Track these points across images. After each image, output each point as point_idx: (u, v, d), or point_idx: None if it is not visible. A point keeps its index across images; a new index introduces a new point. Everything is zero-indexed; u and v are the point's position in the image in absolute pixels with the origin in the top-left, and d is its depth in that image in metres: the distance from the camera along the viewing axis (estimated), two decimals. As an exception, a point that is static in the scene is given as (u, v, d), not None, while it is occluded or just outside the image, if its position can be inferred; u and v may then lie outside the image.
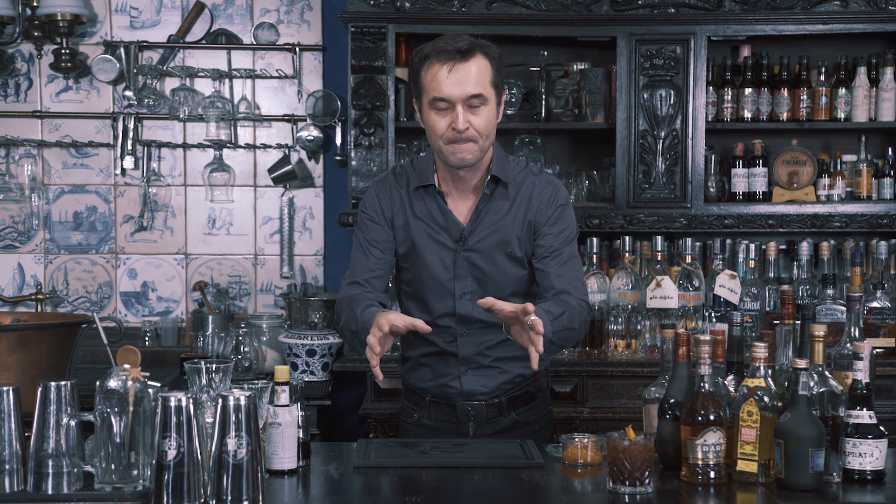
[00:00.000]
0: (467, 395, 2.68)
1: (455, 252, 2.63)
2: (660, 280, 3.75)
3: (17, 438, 2.11)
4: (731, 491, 2.20)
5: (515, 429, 2.71)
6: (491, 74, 2.51)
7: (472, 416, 2.69)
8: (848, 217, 4.06)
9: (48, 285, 4.46)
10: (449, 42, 2.50)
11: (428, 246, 2.64)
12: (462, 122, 2.48)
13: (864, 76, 4.12)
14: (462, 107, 2.48)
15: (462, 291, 2.64)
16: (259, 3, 4.44)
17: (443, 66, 2.48)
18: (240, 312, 4.43)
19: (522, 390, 2.72)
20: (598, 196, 4.21)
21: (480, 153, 2.55)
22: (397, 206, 2.67)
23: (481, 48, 2.51)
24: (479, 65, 2.49)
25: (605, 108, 4.13)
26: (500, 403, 2.70)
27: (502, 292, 2.62)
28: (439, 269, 2.64)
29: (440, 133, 2.51)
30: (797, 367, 2.19)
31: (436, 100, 2.50)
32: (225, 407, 2.01)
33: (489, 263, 2.63)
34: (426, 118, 2.54)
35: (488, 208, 2.63)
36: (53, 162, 4.44)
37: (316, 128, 4.40)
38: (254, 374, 3.94)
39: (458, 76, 2.47)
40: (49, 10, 4.20)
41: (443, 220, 2.64)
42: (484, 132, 2.52)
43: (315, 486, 2.26)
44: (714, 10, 3.99)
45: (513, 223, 2.63)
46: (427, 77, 2.50)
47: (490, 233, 2.63)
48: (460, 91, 2.47)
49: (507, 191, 2.63)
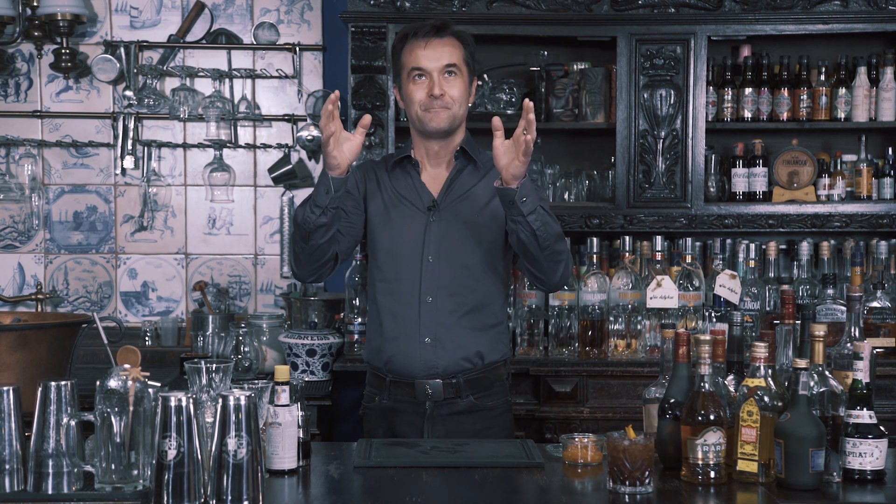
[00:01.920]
0: (425, 367, 2.76)
1: (426, 218, 2.79)
2: (660, 280, 3.75)
3: (17, 438, 2.11)
4: (731, 491, 2.20)
5: (473, 412, 2.80)
6: (463, 53, 2.77)
7: (429, 395, 2.77)
8: (848, 217, 4.07)
9: (48, 285, 4.46)
10: (426, 22, 2.78)
11: (400, 213, 2.81)
12: (438, 89, 2.72)
13: (864, 76, 4.12)
14: (438, 76, 2.73)
15: (429, 256, 2.78)
16: (259, 2, 4.44)
17: (420, 41, 2.74)
18: (240, 312, 4.43)
19: (480, 374, 2.80)
20: (598, 196, 4.21)
21: (453, 120, 2.76)
22: (373, 183, 2.87)
23: (454, 31, 2.78)
24: (452, 42, 2.76)
25: (605, 108, 4.13)
26: (457, 384, 2.77)
27: (471, 259, 2.78)
28: (409, 236, 2.79)
29: (418, 101, 2.75)
30: (797, 367, 2.19)
31: (414, 70, 2.74)
32: (225, 407, 2.01)
33: (458, 230, 2.78)
34: (405, 90, 2.78)
35: (459, 180, 2.82)
36: (53, 162, 4.44)
37: (316, 128, 4.39)
38: (254, 374, 3.94)
39: (434, 48, 2.74)
40: (49, 10, 4.20)
41: (416, 190, 2.83)
42: (458, 99, 2.75)
43: (315, 486, 2.26)
44: (714, 9, 3.99)
45: (483, 195, 2.79)
46: (406, 53, 2.76)
47: (459, 201, 2.80)
48: (436, 63, 2.73)
49: (476, 168, 2.83)
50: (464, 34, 2.81)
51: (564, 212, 4.04)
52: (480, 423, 2.79)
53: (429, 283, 2.76)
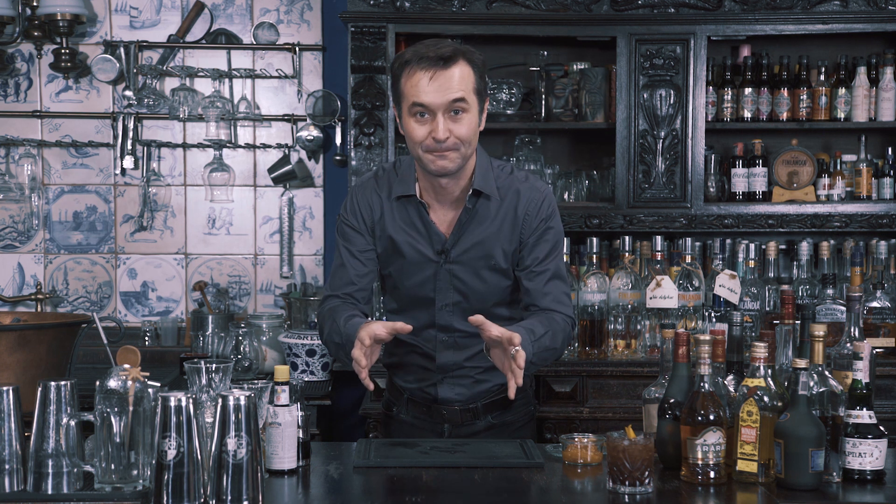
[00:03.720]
0: (443, 401, 2.67)
1: (437, 264, 2.57)
2: (660, 280, 3.75)
3: (17, 438, 2.11)
4: (731, 491, 2.20)
5: (492, 429, 2.69)
6: (474, 81, 2.43)
7: (446, 418, 2.68)
8: (848, 217, 4.07)
9: (48, 285, 4.46)
10: (431, 48, 2.41)
11: (409, 256, 2.58)
12: (442, 132, 2.39)
13: (864, 76, 4.12)
14: (443, 115, 2.40)
15: (443, 303, 2.59)
16: (259, 2, 4.44)
17: (424, 73, 2.39)
18: (240, 312, 4.44)
19: (500, 397, 2.68)
20: (598, 196, 4.21)
21: (462, 160, 2.46)
22: (377, 213, 2.60)
23: (464, 54, 2.43)
24: (461, 71, 2.41)
25: (604, 108, 4.13)
26: (475, 409, 2.68)
27: (485, 304, 2.58)
28: (420, 281, 2.59)
29: (419, 141, 2.43)
30: (797, 367, 2.19)
31: (415, 105, 2.41)
32: (225, 407, 2.01)
33: (472, 276, 2.58)
34: (405, 125, 2.45)
35: (471, 220, 2.55)
36: (53, 162, 4.44)
37: (316, 128, 4.40)
38: (254, 374, 3.94)
39: (439, 83, 2.38)
40: (49, 10, 4.20)
41: (424, 231, 2.57)
42: (466, 139, 2.43)
43: (315, 486, 2.26)
44: (714, 9, 3.99)
45: (497, 235, 2.56)
46: (407, 83, 2.41)
47: (473, 245, 2.56)
48: (441, 98, 2.39)
49: (489, 202, 2.55)
50: (473, 56, 2.44)
51: (564, 212, 4.03)
52: (500, 437, 2.67)
53: (444, 327, 2.61)
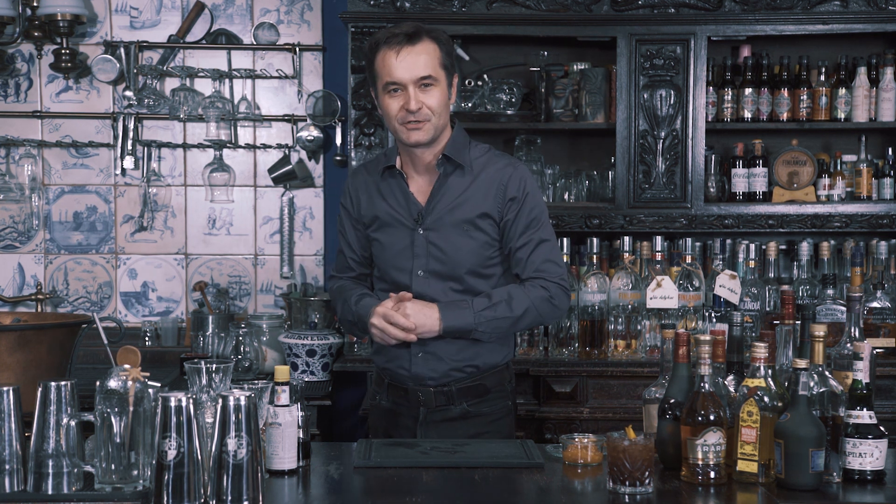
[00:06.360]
0: (417, 378, 2.74)
1: (413, 231, 2.73)
2: (660, 280, 3.75)
3: (17, 438, 2.11)
4: (731, 491, 2.20)
5: (467, 419, 2.76)
6: (440, 57, 2.66)
7: (422, 401, 2.75)
8: (848, 217, 4.07)
9: (48, 285, 4.45)
10: (396, 29, 2.67)
11: (390, 225, 2.76)
12: (414, 103, 2.62)
13: (864, 76, 4.12)
14: (413, 88, 2.62)
15: (419, 269, 2.73)
16: (259, 3, 4.44)
17: (392, 51, 2.63)
18: (240, 312, 4.43)
19: (475, 382, 2.76)
20: (598, 196, 4.21)
21: (434, 131, 2.67)
22: (363, 191, 2.82)
23: (428, 33, 2.67)
24: (426, 48, 2.64)
25: (605, 108, 4.13)
26: (449, 392, 2.75)
27: (458, 270, 2.72)
28: (400, 248, 2.75)
29: (394, 114, 2.65)
30: (797, 367, 2.19)
31: (388, 83, 2.64)
32: (225, 407, 2.01)
33: (446, 242, 2.72)
34: (382, 102, 2.68)
35: (445, 188, 2.73)
36: (53, 162, 4.44)
37: (316, 128, 4.40)
38: (254, 374, 3.94)
39: (408, 60, 2.62)
40: (49, 10, 4.20)
41: (403, 200, 2.76)
42: (436, 110, 2.65)
43: (315, 486, 2.26)
44: (714, 10, 3.99)
45: (472, 204, 2.72)
46: (379, 63, 2.65)
47: (447, 212, 2.72)
48: (410, 74, 2.62)
49: (463, 172, 2.73)
50: (438, 34, 2.69)
51: (564, 212, 4.04)
52: (475, 428, 2.74)
53: (419, 296, 2.70)
